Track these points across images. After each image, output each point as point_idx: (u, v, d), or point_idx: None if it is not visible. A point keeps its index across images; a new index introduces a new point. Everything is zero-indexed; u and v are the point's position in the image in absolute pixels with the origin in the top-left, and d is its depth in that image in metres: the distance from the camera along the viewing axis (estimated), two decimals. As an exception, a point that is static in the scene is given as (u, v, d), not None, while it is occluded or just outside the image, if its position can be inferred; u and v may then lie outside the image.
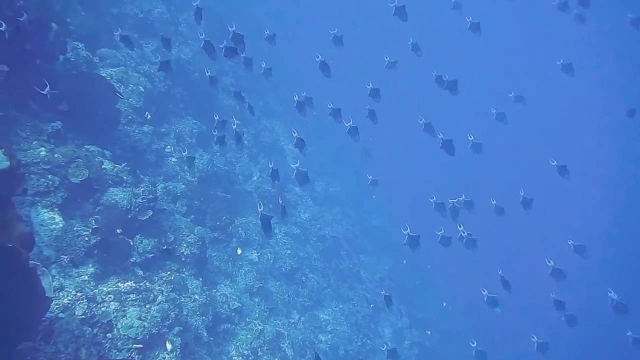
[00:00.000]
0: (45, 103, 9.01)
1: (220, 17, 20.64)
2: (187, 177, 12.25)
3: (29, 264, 4.22)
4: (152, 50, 14.21)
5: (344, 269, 17.48)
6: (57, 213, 7.11)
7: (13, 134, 7.57)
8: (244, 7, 25.30)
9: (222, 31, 20.04)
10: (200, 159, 13.11)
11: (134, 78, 12.16)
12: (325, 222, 18.83)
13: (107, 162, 8.61)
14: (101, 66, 11.86)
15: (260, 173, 16.49)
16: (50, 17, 8.87)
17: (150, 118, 11.84)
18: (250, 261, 12.49)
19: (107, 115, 10.22)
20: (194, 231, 9.20)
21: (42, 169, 7.26)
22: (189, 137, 13.48)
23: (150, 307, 6.89)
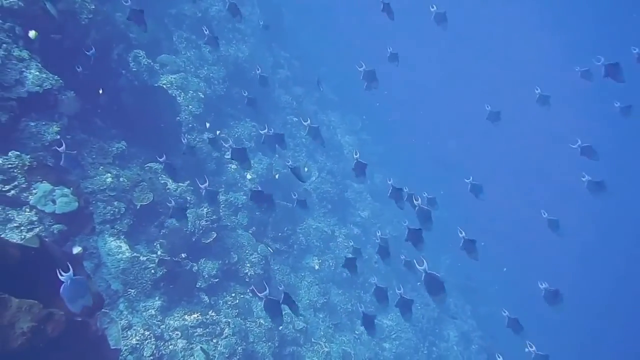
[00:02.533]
0: (109, 119, 9.01)
1: (277, 6, 20.19)
2: (247, 183, 12.04)
3: (98, 332, 4.01)
4: (210, 50, 13.98)
5: (406, 270, 16.88)
6: (124, 241, 7.02)
7: (80, 159, 7.52)
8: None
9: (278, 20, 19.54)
10: (259, 164, 12.85)
11: (194, 84, 11.98)
12: (386, 220, 18.25)
13: (170, 181, 8.46)
14: (161, 73, 11.76)
15: (319, 172, 16.09)
16: (113, 33, 8.71)
17: (210, 126, 11.66)
18: (312, 269, 12.20)
19: (169, 127, 10.10)
20: (257, 249, 8.95)
21: (108, 196, 7.17)
22: (247, 141, 13.24)
23: (217, 342, 6.73)
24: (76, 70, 7.68)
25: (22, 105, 6.42)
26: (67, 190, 5.54)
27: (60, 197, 5.41)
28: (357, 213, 17.25)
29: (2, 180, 5.25)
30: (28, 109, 6.56)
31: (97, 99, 8.45)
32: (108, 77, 8.46)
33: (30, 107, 6.60)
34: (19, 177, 5.37)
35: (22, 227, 5.12)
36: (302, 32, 22.50)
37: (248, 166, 6.74)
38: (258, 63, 15.90)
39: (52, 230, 5.32)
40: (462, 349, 15.87)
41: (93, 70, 8.15)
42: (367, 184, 20.06)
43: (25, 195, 5.36)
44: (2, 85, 6.29)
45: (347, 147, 20.37)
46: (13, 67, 6.54)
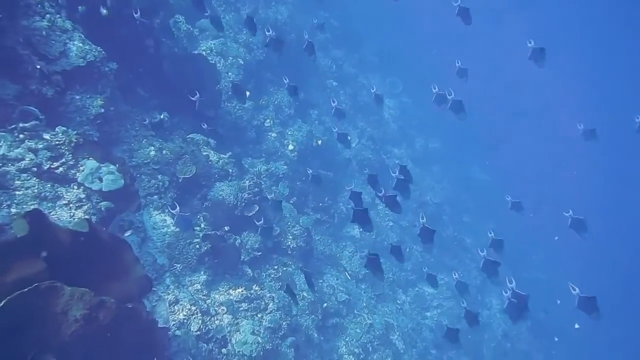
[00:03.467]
0: (152, 88, 8.95)
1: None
2: (287, 152, 11.91)
3: (147, 317, 4.02)
4: (248, 12, 13.59)
5: (447, 237, 16.61)
6: (168, 214, 7.05)
7: (124, 131, 7.53)
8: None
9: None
10: (299, 132, 12.63)
11: (233, 49, 11.73)
12: (427, 187, 17.85)
13: (212, 153, 8.39)
14: (201, 39, 11.55)
15: (359, 139, 15.74)
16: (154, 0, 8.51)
17: (250, 94, 11.46)
18: (353, 238, 12.11)
19: (210, 96, 9.96)
20: (299, 221, 8.88)
21: (152, 169, 7.17)
22: (287, 108, 12.99)
23: (262, 317, 6.78)
24: (118, 39, 7.59)
25: (67, 78, 6.39)
26: (113, 167, 5.53)
27: (106, 174, 5.40)
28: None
29: (50, 157, 5.27)
30: (72, 81, 6.52)
31: (139, 69, 8.37)
32: (150, 46, 8.32)
33: (75, 79, 6.56)
34: (67, 154, 5.37)
35: (70, 205, 5.15)
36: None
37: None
38: (297, 25, 15.48)
39: (99, 207, 5.34)
40: (505, 316, 15.67)
41: (135, 39, 8.04)
42: (409, 148, 19.62)
43: (73, 172, 5.38)
44: (47, 57, 6.25)
45: (387, 111, 19.82)
46: (57, 39, 6.47)
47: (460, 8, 7.12)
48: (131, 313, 3.72)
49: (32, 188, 4.94)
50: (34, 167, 5.08)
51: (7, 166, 4.93)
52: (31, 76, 5.79)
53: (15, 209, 4.62)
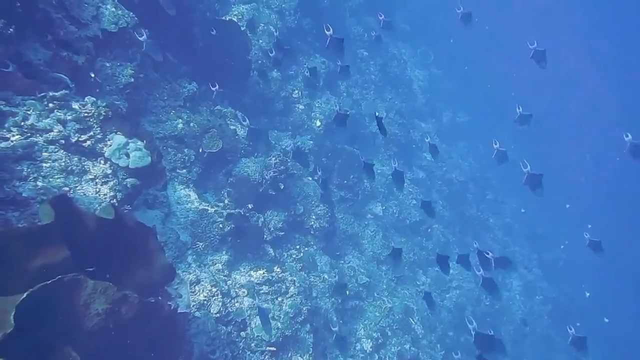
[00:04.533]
0: (182, 54, 8.73)
1: None
2: (315, 127, 11.66)
3: (170, 311, 3.98)
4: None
5: (470, 216, 16.36)
6: (192, 189, 6.98)
7: (152, 100, 7.38)
8: None
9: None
10: (327, 104, 12.32)
11: (265, 16, 11.33)
12: (453, 164, 17.48)
13: (239, 127, 8.22)
14: (233, 2, 11.17)
15: (387, 112, 15.32)
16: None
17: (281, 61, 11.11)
18: (375, 216, 11.97)
19: (240, 66, 9.71)
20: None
21: (177, 143, 7.05)
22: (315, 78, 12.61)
23: (282, 300, 6.75)
24: (150, 3, 7.35)
25: (98, 44, 6.21)
26: (141, 143, 5.41)
27: (134, 150, 5.29)
28: (423, 156, 16.55)
29: (79, 130, 5.17)
30: (103, 48, 6.35)
31: (170, 35, 8.14)
32: (182, 11, 8.05)
33: (106, 46, 6.39)
34: (95, 127, 5.26)
35: (97, 180, 5.08)
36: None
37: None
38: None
39: (125, 184, 5.26)
40: (525, 299, 15.57)
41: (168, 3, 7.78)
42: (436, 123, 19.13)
43: (100, 146, 5.28)
44: (79, 21, 6.06)
45: (416, 82, 19.27)
46: (90, 2, 6.26)
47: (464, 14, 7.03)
48: (153, 307, 3.67)
49: (59, 161, 4.86)
50: (62, 140, 4.98)
51: (35, 137, 4.84)
52: (62, 42, 5.62)
53: (41, 182, 4.56)
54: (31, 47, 5.29)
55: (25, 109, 4.93)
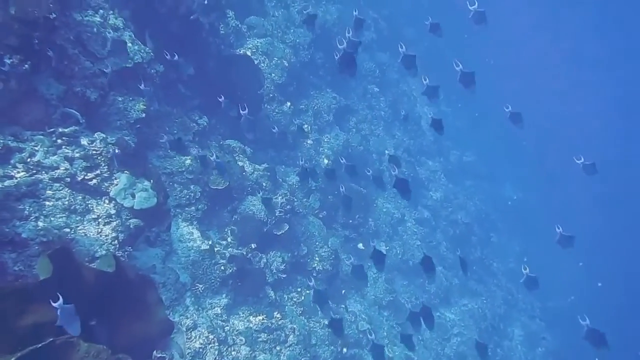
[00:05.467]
0: (194, 86, 8.73)
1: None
2: (321, 162, 11.60)
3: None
4: (299, 10, 13.19)
5: (474, 260, 16.10)
6: (196, 227, 6.86)
7: (164, 133, 7.33)
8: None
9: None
10: (336, 140, 12.29)
11: (279, 50, 11.40)
12: (459, 204, 17.29)
13: (247, 163, 8.16)
14: (248, 36, 11.27)
15: (395, 149, 15.28)
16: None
17: (291, 106, 11.14)
18: (378, 256, 11.76)
19: (252, 100, 9.70)
20: (327, 242, 8.60)
21: (185, 179, 6.96)
22: (326, 114, 12.64)
23: (281, 350, 6.54)
24: (168, 39, 7.38)
25: (112, 79, 6.19)
26: (148, 183, 5.32)
27: (140, 191, 5.19)
28: (429, 194, 16.42)
29: (85, 168, 5.08)
30: (117, 82, 6.33)
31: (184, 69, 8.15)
32: (198, 46, 8.10)
33: (119, 80, 6.37)
34: (102, 165, 5.18)
35: (99, 220, 4.97)
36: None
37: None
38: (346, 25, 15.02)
39: (128, 224, 5.15)
40: (526, 349, 15.17)
41: (184, 38, 7.83)
42: (442, 161, 19.06)
43: (106, 185, 5.19)
44: (95, 55, 6.05)
45: (425, 119, 19.30)
46: (107, 37, 6.26)
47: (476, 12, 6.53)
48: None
49: (63, 200, 4.77)
50: (68, 178, 4.90)
51: (40, 174, 4.76)
52: (77, 77, 5.60)
53: (42, 222, 4.45)
54: (45, 82, 5.26)
55: (33, 144, 4.86)
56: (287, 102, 11.20)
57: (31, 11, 4.73)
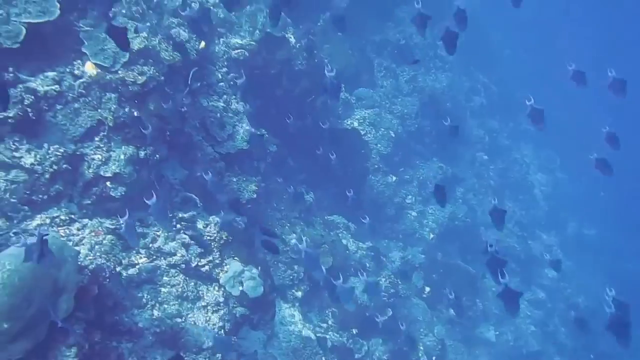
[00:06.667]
0: (301, 158, 8.90)
1: (481, 24, 18.44)
2: (426, 235, 11.12)
3: None
4: (407, 79, 13.18)
5: (601, 353, 14.11)
6: (297, 309, 6.75)
7: (270, 210, 7.48)
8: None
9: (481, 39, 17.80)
10: (440, 212, 11.75)
11: (386, 121, 11.38)
12: (579, 285, 15.52)
13: (351, 241, 8.01)
14: (356, 107, 11.43)
15: (506, 222, 14.22)
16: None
17: (396, 168, 11.00)
18: (486, 342, 10.78)
19: (357, 172, 9.70)
20: (433, 330, 8.03)
21: (289, 258, 6.96)
22: (431, 184, 12.18)
23: None
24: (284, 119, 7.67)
25: (229, 160, 6.49)
26: (255, 271, 5.34)
27: (248, 279, 5.22)
28: (545, 273, 14.94)
29: (200, 254, 5.22)
30: (233, 163, 6.61)
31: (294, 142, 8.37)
32: (312, 126, 8.33)
33: (235, 161, 6.65)
34: (215, 251, 5.31)
35: (208, 307, 5.03)
36: (507, 52, 20.31)
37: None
38: (455, 93, 14.75)
39: (234, 313, 5.17)
40: None
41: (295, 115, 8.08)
42: (558, 235, 17.42)
43: (217, 271, 5.29)
44: (215, 139, 6.41)
45: (538, 188, 17.95)
46: (228, 121, 6.64)
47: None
48: None
49: (177, 286, 4.92)
50: (183, 264, 5.06)
51: (159, 260, 4.96)
52: (199, 161, 5.93)
53: (157, 311, 4.58)
54: (170, 167, 5.62)
55: (155, 229, 5.13)
56: (391, 173, 11.05)
57: (166, 107, 5.12)
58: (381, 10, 12.72)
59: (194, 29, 6.43)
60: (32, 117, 4.29)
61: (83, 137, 4.69)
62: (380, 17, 12.81)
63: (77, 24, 4.76)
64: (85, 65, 4.72)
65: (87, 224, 4.50)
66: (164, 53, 5.40)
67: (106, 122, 4.79)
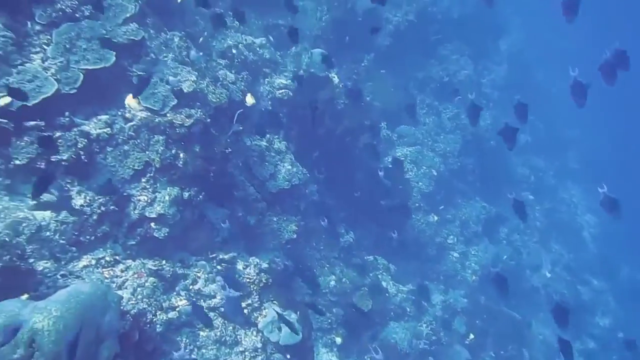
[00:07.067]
0: (341, 197, 8.80)
1: (526, 63, 18.16)
2: (468, 277, 10.71)
3: None
4: (450, 117, 13.00)
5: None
6: (336, 354, 6.54)
7: (309, 249, 7.38)
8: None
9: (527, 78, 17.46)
10: (484, 253, 11.34)
11: (428, 159, 11.20)
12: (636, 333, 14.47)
13: (391, 284, 7.77)
14: (398, 144, 11.32)
15: (552, 265, 13.60)
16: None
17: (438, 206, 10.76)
18: (532, 396, 10.14)
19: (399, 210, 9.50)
20: (475, 384, 7.59)
21: (328, 301, 6.80)
22: (474, 224, 11.84)
23: None
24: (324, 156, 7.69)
25: (270, 200, 6.48)
26: (294, 316, 5.22)
27: (286, 325, 5.09)
28: (595, 321, 14.09)
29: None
30: (274, 203, 6.60)
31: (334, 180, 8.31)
32: (352, 166, 8.28)
33: (276, 201, 6.64)
34: (254, 295, 5.24)
35: (246, 353, 4.93)
36: (553, 90, 19.83)
37: None
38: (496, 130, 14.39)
39: (272, 359, 5.02)
40: None
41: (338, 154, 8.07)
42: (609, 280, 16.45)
43: (255, 315, 5.21)
44: (257, 178, 6.43)
45: (587, 229, 17.12)
46: (270, 160, 6.67)
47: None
48: None
49: (216, 330, 4.84)
50: (222, 307, 5.00)
51: (199, 302, 4.93)
52: (240, 201, 5.95)
53: (195, 355, 4.51)
54: (211, 207, 5.64)
55: (196, 270, 5.12)
56: (432, 212, 10.80)
57: (211, 149, 5.18)
58: (424, 48, 12.73)
59: (241, 70, 6.62)
60: (84, 160, 4.42)
61: (131, 178, 4.78)
62: (424, 55, 12.81)
63: (131, 69, 4.92)
64: (127, 99, 4.86)
65: (131, 265, 4.53)
66: (211, 95, 5.50)
67: (153, 163, 4.87)
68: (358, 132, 8.03)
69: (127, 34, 4.88)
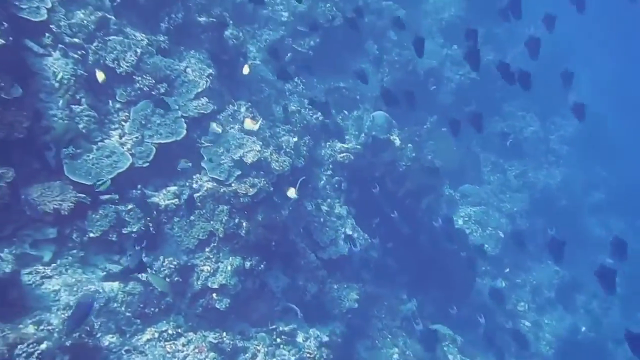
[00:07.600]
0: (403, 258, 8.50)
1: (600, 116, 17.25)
2: (543, 349, 9.87)
3: None
4: (516, 174, 12.49)
5: None
6: None
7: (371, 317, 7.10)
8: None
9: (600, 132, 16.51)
10: (559, 323, 10.47)
11: (494, 220, 10.70)
12: None
13: (458, 357, 7.26)
14: (461, 204, 10.94)
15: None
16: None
17: (509, 271, 10.16)
18: None
19: (463, 276, 9.04)
20: None
21: (390, 376, 6.42)
22: (547, 290, 11.03)
23: None
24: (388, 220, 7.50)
25: (330, 266, 6.35)
26: (355, 397, 4.93)
27: (347, 407, 4.81)
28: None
29: (298, 372, 4.97)
30: (334, 269, 6.45)
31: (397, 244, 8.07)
32: (415, 228, 8.03)
33: (337, 267, 6.49)
34: (313, 371, 5.01)
35: None
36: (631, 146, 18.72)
37: None
38: (571, 189, 13.61)
39: None
40: None
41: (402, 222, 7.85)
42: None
43: (315, 394, 4.96)
44: (318, 244, 6.35)
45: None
46: (331, 226, 6.59)
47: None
48: None
49: (273, 410, 4.64)
50: (282, 383, 4.82)
51: (258, 377, 4.78)
52: (301, 269, 5.86)
53: None
54: (273, 275, 5.58)
55: (256, 343, 5.00)
56: (500, 277, 10.19)
57: (273, 219, 5.18)
58: (488, 105, 12.49)
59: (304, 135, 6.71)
60: (152, 231, 4.53)
61: (195, 248, 4.84)
62: (487, 112, 12.55)
63: (199, 141, 5.10)
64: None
65: (192, 338, 4.50)
66: (275, 164, 5.57)
67: (217, 233, 4.92)
68: (421, 194, 7.83)
69: (197, 108, 5.10)
